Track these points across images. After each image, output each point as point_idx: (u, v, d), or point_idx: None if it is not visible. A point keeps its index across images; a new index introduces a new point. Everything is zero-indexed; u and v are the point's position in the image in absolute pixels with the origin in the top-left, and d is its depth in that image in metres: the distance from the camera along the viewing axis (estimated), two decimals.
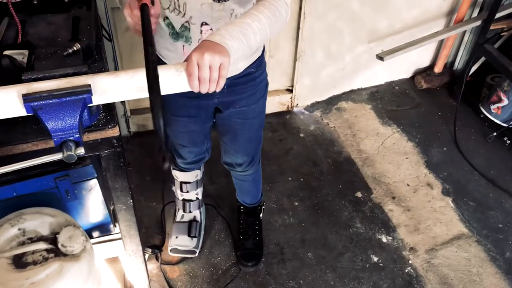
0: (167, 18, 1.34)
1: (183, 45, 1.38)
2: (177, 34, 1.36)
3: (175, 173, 1.97)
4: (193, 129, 1.67)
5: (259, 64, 1.55)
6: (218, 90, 1.06)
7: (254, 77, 1.55)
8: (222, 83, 1.05)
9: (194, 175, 1.97)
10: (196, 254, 2.08)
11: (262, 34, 1.15)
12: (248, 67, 1.51)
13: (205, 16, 1.31)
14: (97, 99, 0.99)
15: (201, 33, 1.34)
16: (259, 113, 1.70)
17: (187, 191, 2.02)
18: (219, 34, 1.06)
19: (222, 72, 1.03)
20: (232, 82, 1.51)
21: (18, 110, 0.95)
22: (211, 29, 1.33)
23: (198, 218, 2.12)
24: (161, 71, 1.00)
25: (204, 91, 1.04)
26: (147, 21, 0.99)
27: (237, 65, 1.47)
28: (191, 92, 1.44)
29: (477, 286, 2.06)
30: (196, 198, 2.07)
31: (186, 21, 1.32)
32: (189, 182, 1.99)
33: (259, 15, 1.14)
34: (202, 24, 1.33)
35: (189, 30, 1.34)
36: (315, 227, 2.25)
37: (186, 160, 1.86)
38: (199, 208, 2.12)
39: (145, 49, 0.92)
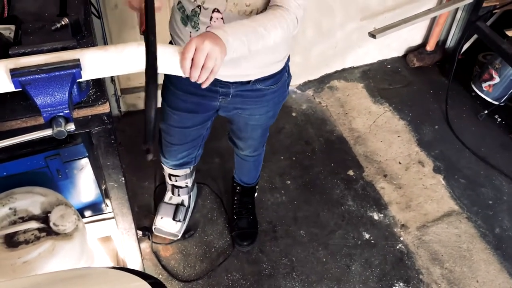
0: (180, 2, 1.33)
1: (190, 32, 1.35)
2: (187, 18, 1.33)
3: (164, 167, 1.96)
4: (187, 125, 1.64)
5: (276, 81, 1.49)
6: (205, 85, 1.06)
7: (264, 93, 1.51)
8: (211, 78, 1.05)
9: (183, 171, 1.96)
10: (179, 238, 2.07)
11: (264, 41, 1.15)
12: (261, 82, 1.46)
13: (219, 3, 1.27)
14: (87, 74, 0.97)
15: (210, 20, 1.30)
16: (266, 120, 1.67)
17: (176, 181, 2.02)
18: (224, 30, 1.06)
19: (214, 67, 1.03)
20: (239, 93, 1.48)
21: (6, 85, 0.93)
22: (221, 18, 1.29)
23: (185, 203, 2.11)
24: (159, 49, 0.98)
25: (194, 77, 1.02)
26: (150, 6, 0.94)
27: (246, 71, 1.41)
28: (196, 89, 1.40)
29: (467, 261, 2.09)
30: (186, 185, 2.05)
31: (198, 6, 1.30)
32: (178, 176, 1.98)
33: (267, 23, 1.15)
34: (213, 11, 1.29)
35: (199, 15, 1.31)
36: (307, 205, 2.25)
37: (170, 162, 1.85)
38: (188, 193, 2.10)
39: (146, 39, 0.90)
